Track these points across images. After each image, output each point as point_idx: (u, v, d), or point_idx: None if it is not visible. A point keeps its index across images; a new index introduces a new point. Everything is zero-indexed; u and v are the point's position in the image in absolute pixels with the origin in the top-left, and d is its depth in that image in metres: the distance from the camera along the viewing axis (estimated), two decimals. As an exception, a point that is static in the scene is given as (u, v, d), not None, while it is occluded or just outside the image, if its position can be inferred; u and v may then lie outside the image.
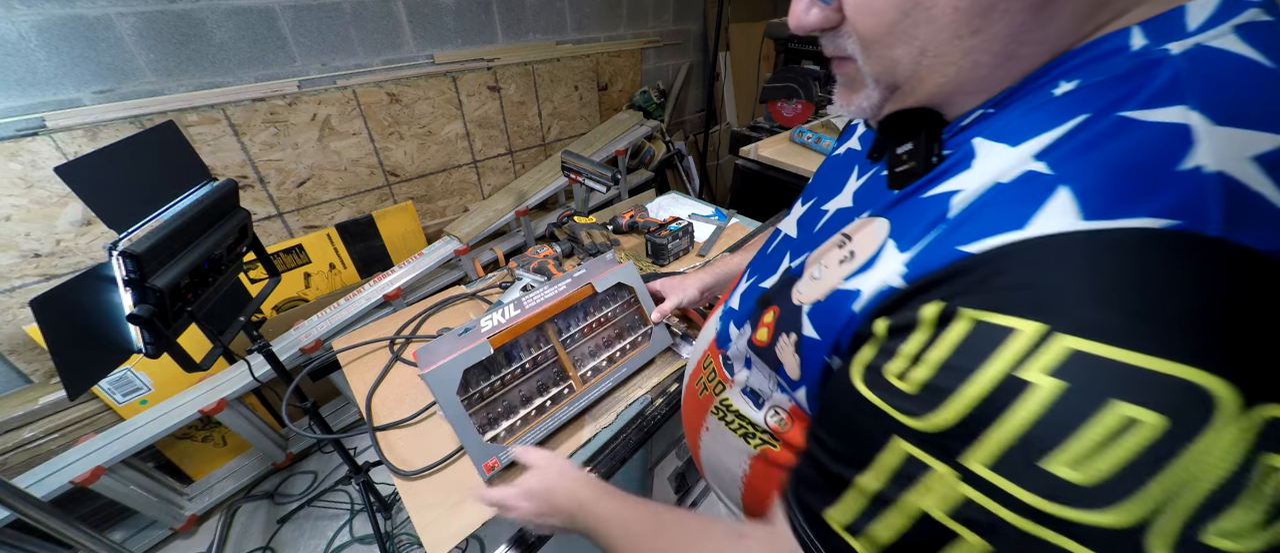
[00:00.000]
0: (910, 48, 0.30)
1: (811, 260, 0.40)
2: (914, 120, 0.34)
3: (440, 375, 0.69)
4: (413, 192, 2.03)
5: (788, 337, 0.40)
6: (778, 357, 0.41)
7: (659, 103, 2.70)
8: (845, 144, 0.53)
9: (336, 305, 1.60)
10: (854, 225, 0.37)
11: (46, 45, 1.22)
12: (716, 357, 0.54)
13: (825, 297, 0.36)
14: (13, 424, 1.27)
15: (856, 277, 0.34)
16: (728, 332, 0.52)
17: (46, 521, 0.97)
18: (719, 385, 0.53)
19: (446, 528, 0.68)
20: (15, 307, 1.31)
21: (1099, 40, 0.27)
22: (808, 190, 0.55)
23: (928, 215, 0.31)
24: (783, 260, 0.48)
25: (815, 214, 0.48)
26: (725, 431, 0.52)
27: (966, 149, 0.31)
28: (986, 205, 0.28)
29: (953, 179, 0.31)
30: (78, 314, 0.71)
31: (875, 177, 0.42)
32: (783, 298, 0.42)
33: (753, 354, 0.46)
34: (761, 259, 0.55)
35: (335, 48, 1.66)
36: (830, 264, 0.37)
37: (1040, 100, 0.28)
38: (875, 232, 0.35)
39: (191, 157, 0.96)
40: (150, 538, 1.51)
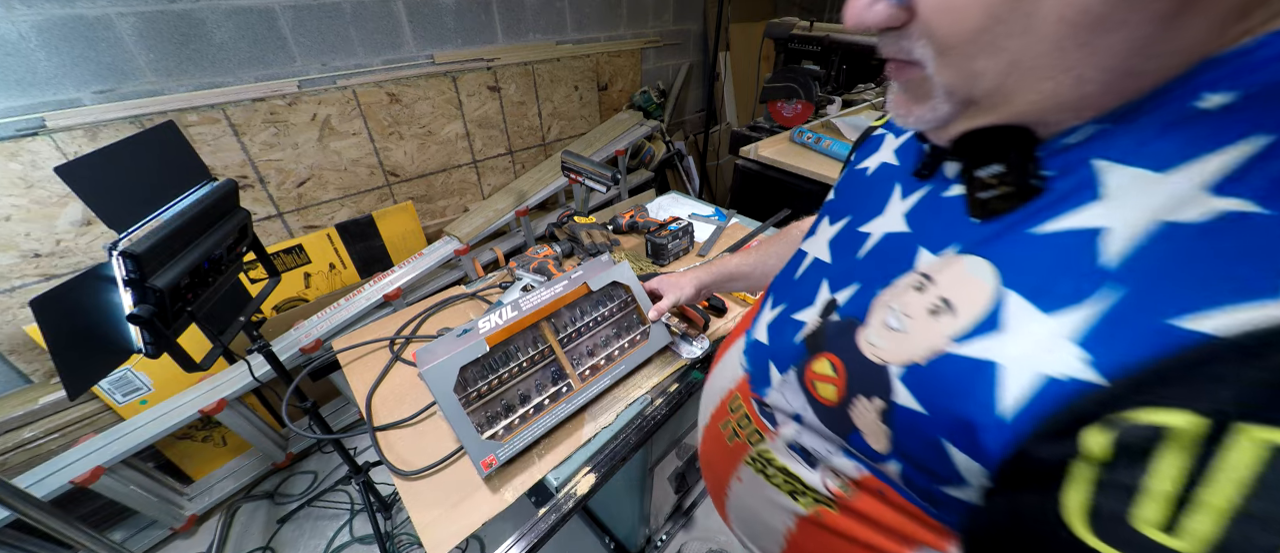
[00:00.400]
0: (997, 60, 0.25)
1: (880, 303, 0.34)
2: (998, 138, 0.29)
3: (438, 373, 0.70)
4: (413, 192, 2.03)
5: (867, 401, 0.33)
6: (851, 421, 0.35)
7: (659, 103, 2.70)
8: (871, 158, 0.47)
9: (336, 305, 1.60)
10: (935, 264, 0.32)
11: (46, 45, 1.22)
12: (748, 400, 0.48)
13: (928, 361, 0.30)
14: (13, 424, 1.27)
15: (973, 341, 0.27)
16: (765, 373, 0.46)
17: (46, 521, 0.97)
18: (755, 435, 0.47)
19: (446, 528, 0.68)
20: (15, 307, 1.31)
21: (1253, 45, 0.22)
22: (832, 207, 0.49)
23: (1066, 263, 0.25)
24: (818, 289, 0.43)
25: (853, 237, 0.42)
26: (765, 485, 0.46)
27: (1083, 174, 0.26)
28: (1183, 260, 0.21)
29: (1078, 213, 0.26)
30: (78, 314, 0.71)
31: (935, 198, 0.36)
32: (844, 347, 0.36)
33: (810, 410, 0.39)
34: (788, 285, 0.49)
35: (335, 48, 1.66)
36: (914, 313, 0.31)
37: (1178, 115, 0.24)
38: (972, 276, 0.29)
39: (191, 157, 0.96)
40: (150, 538, 1.51)
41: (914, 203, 0.38)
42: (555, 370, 0.83)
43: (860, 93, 2.54)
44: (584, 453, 0.79)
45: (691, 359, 0.93)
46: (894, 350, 0.32)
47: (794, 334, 0.43)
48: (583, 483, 0.76)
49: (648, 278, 0.91)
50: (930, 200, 0.36)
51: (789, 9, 3.24)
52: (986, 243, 0.30)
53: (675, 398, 0.89)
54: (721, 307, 1.08)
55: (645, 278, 0.91)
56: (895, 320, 0.33)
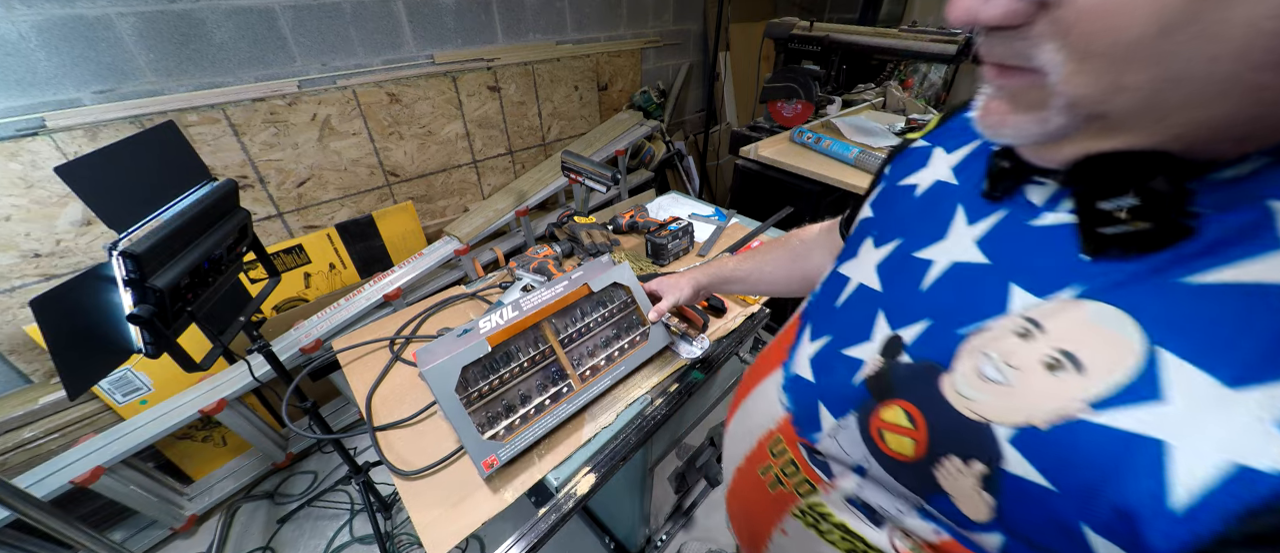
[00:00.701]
0: (1154, 73, 0.21)
1: (971, 349, 0.30)
2: (1136, 165, 0.24)
3: (439, 373, 0.70)
4: (413, 192, 2.03)
5: (961, 463, 0.29)
6: (936, 482, 0.31)
7: (659, 103, 2.70)
8: (919, 174, 0.42)
9: (336, 305, 1.60)
10: (1044, 309, 0.28)
11: (46, 45, 1.22)
12: (794, 444, 0.43)
13: (1051, 426, 0.25)
14: (13, 424, 1.27)
15: (1124, 411, 0.23)
16: (814, 415, 0.41)
17: (46, 521, 0.97)
18: (805, 485, 0.42)
19: (446, 528, 0.68)
20: (15, 307, 1.31)
21: None
22: (876, 229, 0.44)
23: (1252, 326, 0.21)
24: (873, 322, 0.38)
25: (909, 263, 0.38)
26: (818, 542, 0.42)
27: (1253, 215, 0.22)
28: None
29: (1251, 264, 0.22)
30: (78, 314, 0.71)
31: (1018, 226, 0.31)
32: (925, 397, 0.31)
33: (876, 464, 0.35)
34: (829, 313, 0.44)
35: (335, 48, 1.66)
36: (1024, 365, 0.27)
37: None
38: (1107, 329, 0.25)
39: (191, 157, 0.96)
40: (150, 538, 1.51)
41: (988, 229, 0.33)
42: (556, 371, 0.83)
43: (860, 93, 2.54)
44: (584, 453, 0.79)
45: (691, 359, 0.93)
46: (999, 407, 0.27)
47: (849, 374, 0.38)
48: (583, 483, 0.76)
49: (648, 279, 0.91)
50: (1012, 228, 0.32)
51: (789, 9, 3.24)
52: (1117, 288, 0.25)
53: (675, 398, 0.89)
54: (721, 307, 1.08)
55: (645, 279, 0.91)
56: (994, 371, 0.28)
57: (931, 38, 1.93)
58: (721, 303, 1.09)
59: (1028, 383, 0.27)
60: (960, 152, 0.40)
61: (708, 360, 0.95)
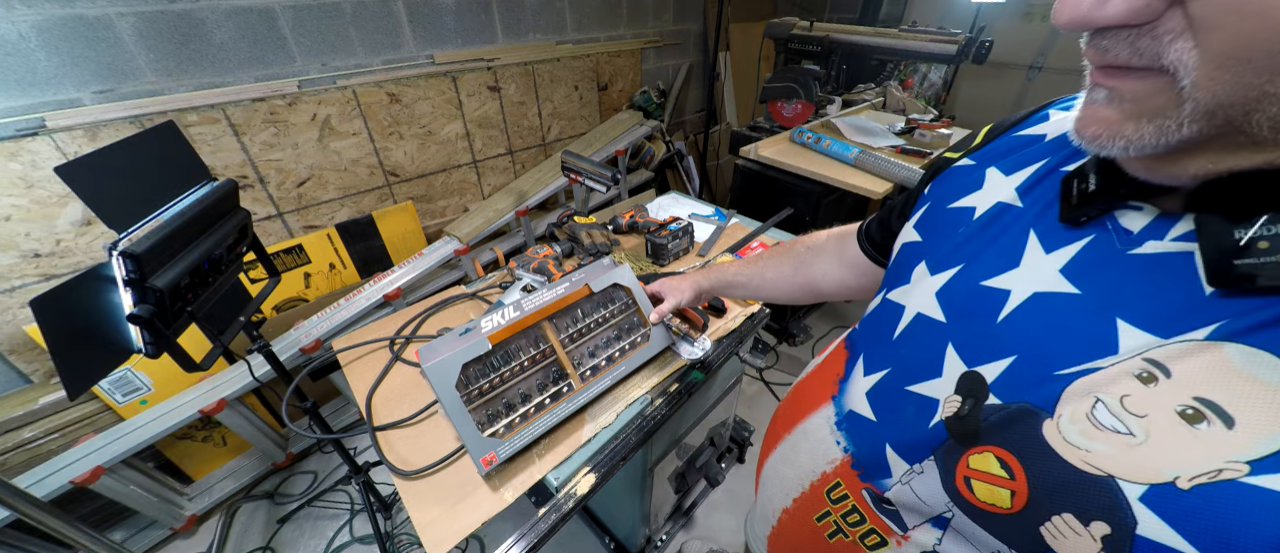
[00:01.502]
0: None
1: (1078, 392, 0.27)
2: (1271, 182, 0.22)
3: (440, 370, 0.70)
4: (413, 192, 2.03)
5: (1076, 522, 0.26)
6: (1042, 541, 0.28)
7: (659, 103, 2.70)
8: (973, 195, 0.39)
9: (336, 305, 1.60)
10: (1170, 352, 0.25)
11: (46, 45, 1.22)
12: (857, 489, 0.40)
13: (1194, 486, 0.23)
14: (13, 424, 1.27)
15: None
16: (881, 459, 0.38)
17: (46, 521, 0.97)
18: (873, 536, 0.39)
19: (446, 528, 0.68)
20: (15, 307, 1.31)
21: None
22: (929, 254, 0.41)
23: None
24: (943, 357, 0.35)
25: (977, 292, 0.35)
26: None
27: None
28: None
29: None
30: (78, 314, 0.71)
31: (1111, 253, 0.29)
32: (1026, 444, 0.29)
33: (962, 515, 0.32)
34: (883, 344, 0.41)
35: (335, 48, 1.66)
36: (1154, 415, 0.24)
37: None
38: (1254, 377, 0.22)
39: (191, 157, 0.96)
40: (150, 538, 1.51)
41: (1073, 256, 0.30)
42: (556, 370, 0.83)
43: (860, 93, 2.54)
44: (584, 453, 0.79)
45: (692, 360, 0.93)
46: (1125, 462, 0.25)
47: (921, 414, 0.35)
48: (583, 483, 0.76)
49: (648, 279, 0.91)
50: (1105, 256, 0.29)
51: (789, 9, 3.24)
52: (1263, 330, 0.22)
53: (675, 398, 0.89)
54: (721, 307, 1.08)
55: (646, 279, 0.91)
56: (1113, 419, 0.25)
57: (931, 38, 1.93)
58: (722, 303, 1.09)
59: (1160, 435, 0.24)
60: (1022, 172, 0.37)
61: (708, 361, 0.95)
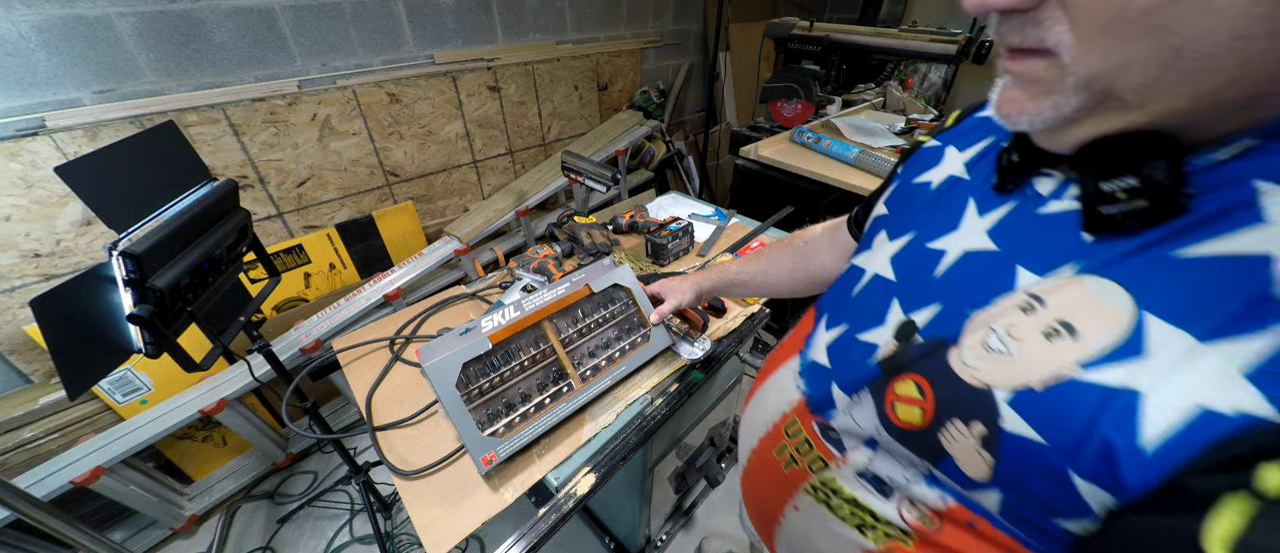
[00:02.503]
0: (1160, 46, 0.22)
1: (977, 324, 0.32)
2: (1135, 146, 0.26)
3: (441, 369, 0.70)
4: (413, 192, 2.03)
5: (963, 426, 0.31)
6: (942, 447, 0.33)
7: (659, 103, 2.70)
8: (932, 172, 0.44)
9: (336, 305, 1.60)
10: (1046, 285, 0.30)
11: (46, 45, 1.22)
12: (808, 422, 0.45)
13: (1043, 388, 0.28)
14: (13, 424, 1.27)
15: (1109, 368, 0.26)
16: (828, 395, 0.43)
17: (46, 521, 0.97)
18: (818, 461, 0.44)
19: (446, 528, 0.68)
20: (15, 307, 1.31)
21: None
22: (887, 223, 0.46)
23: (1228, 291, 0.23)
24: (888, 309, 0.40)
25: (922, 255, 0.40)
26: (827, 516, 0.44)
27: (1238, 194, 0.24)
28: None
29: (1234, 237, 0.24)
30: (78, 314, 0.71)
31: (1026, 214, 0.34)
32: (934, 369, 0.34)
33: (886, 435, 0.37)
34: (843, 300, 0.46)
35: (335, 48, 1.66)
36: (1025, 337, 0.29)
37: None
38: (1099, 299, 0.27)
39: (191, 157, 0.96)
40: (150, 538, 1.51)
41: (998, 219, 0.35)
42: (556, 370, 0.83)
43: (860, 93, 2.54)
44: (584, 453, 0.79)
45: (692, 360, 0.93)
46: (1000, 374, 0.30)
47: (865, 356, 0.40)
48: (583, 483, 0.76)
49: (648, 279, 0.91)
50: (1020, 217, 0.34)
51: (789, 9, 3.24)
52: (1114, 264, 0.27)
53: (675, 398, 0.89)
54: (721, 307, 1.08)
55: (646, 279, 0.91)
56: (998, 342, 0.30)
57: (931, 38, 1.93)
58: (722, 303, 1.09)
59: (1028, 351, 0.29)
60: (972, 149, 0.42)
61: (708, 361, 0.95)
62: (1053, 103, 0.27)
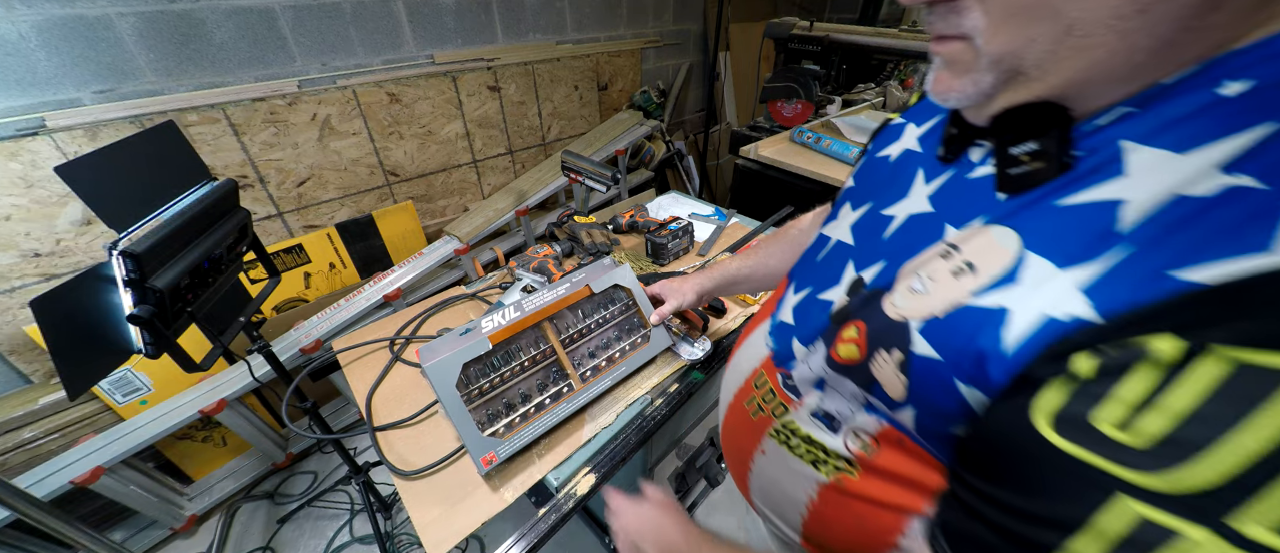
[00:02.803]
0: (1054, 25, 0.26)
1: (906, 272, 0.37)
2: (1035, 116, 0.31)
3: (441, 369, 0.70)
4: (413, 192, 2.03)
5: (887, 353, 0.36)
6: (872, 374, 0.38)
7: (659, 103, 2.70)
8: (892, 146, 0.49)
9: (336, 305, 1.60)
10: (960, 235, 0.35)
11: (46, 45, 1.22)
12: (773, 375, 0.50)
13: (944, 313, 0.33)
14: (13, 424, 1.27)
15: (991, 293, 0.30)
16: (789, 348, 0.48)
17: (46, 521, 0.97)
18: (780, 407, 0.49)
19: (446, 528, 0.68)
20: (15, 307, 1.31)
21: (1270, 38, 0.24)
22: (852, 195, 0.51)
23: (1084, 229, 0.28)
24: (843, 271, 0.45)
25: (876, 221, 0.45)
26: (788, 456, 0.48)
27: (1110, 153, 0.28)
28: (1188, 224, 0.24)
29: (1102, 187, 0.28)
30: (78, 314, 0.71)
31: (959, 181, 0.38)
32: (870, 313, 0.38)
33: (832, 372, 0.42)
34: (810, 267, 0.52)
35: (335, 48, 1.66)
36: (939, 277, 0.34)
37: (1203, 102, 0.26)
38: (997, 243, 0.32)
39: (191, 157, 0.96)
40: (150, 538, 1.51)
41: (939, 186, 0.40)
42: (556, 370, 0.83)
43: (860, 93, 2.54)
44: (584, 453, 0.79)
45: (692, 360, 0.93)
46: (915, 308, 0.35)
47: (822, 312, 0.45)
48: (583, 483, 0.76)
49: (648, 279, 0.91)
50: (955, 183, 0.39)
51: (789, 9, 3.24)
52: (1013, 215, 0.32)
53: (675, 398, 0.89)
54: (721, 307, 1.08)
55: (646, 279, 0.91)
56: (919, 284, 0.35)
57: (931, 38, 1.92)
58: (722, 303, 1.09)
59: (939, 288, 0.34)
60: (926, 125, 0.47)
61: (708, 361, 0.95)
62: (973, 80, 0.31)
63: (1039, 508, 0.26)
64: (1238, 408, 0.21)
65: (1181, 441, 0.22)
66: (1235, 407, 0.21)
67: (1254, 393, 0.21)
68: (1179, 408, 0.22)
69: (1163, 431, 0.23)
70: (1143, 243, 0.25)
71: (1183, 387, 0.22)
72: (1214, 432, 0.21)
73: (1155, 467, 0.22)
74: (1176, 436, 0.22)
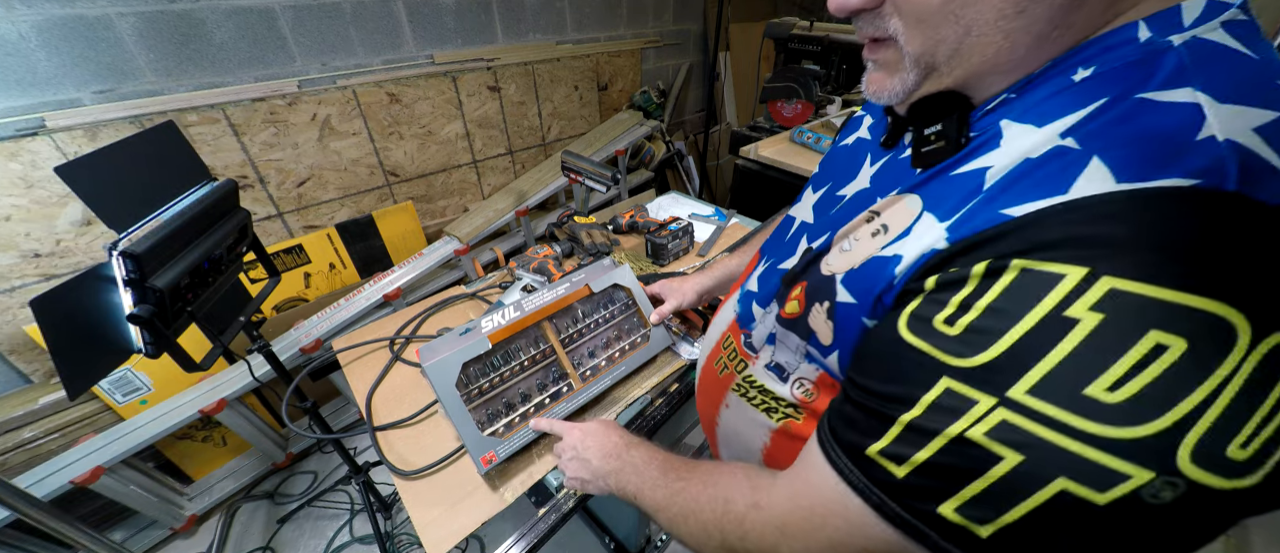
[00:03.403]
0: (956, 28, 0.32)
1: (839, 237, 0.43)
2: (942, 104, 0.37)
3: (441, 369, 0.70)
4: (413, 192, 2.03)
5: (820, 305, 0.42)
6: (809, 326, 0.44)
7: (659, 103, 2.70)
8: (852, 135, 0.56)
9: (336, 305, 1.60)
10: (882, 203, 0.40)
11: (46, 45, 1.22)
12: (737, 337, 0.56)
13: (860, 265, 0.39)
14: (13, 424, 1.27)
15: (893, 244, 0.37)
16: (750, 312, 0.54)
17: (46, 521, 0.97)
18: (741, 364, 0.55)
19: (446, 528, 0.68)
20: (15, 307, 1.31)
21: (1110, 33, 0.31)
22: (817, 179, 0.58)
23: (962, 189, 0.34)
24: (800, 243, 0.51)
25: (831, 200, 0.51)
26: (746, 406, 0.54)
27: (994, 131, 0.34)
28: (1022, 177, 0.31)
29: (982, 157, 0.34)
30: (78, 314, 0.71)
31: (893, 161, 0.44)
32: (811, 273, 0.44)
33: (780, 328, 0.48)
34: (776, 244, 0.57)
35: (335, 48, 1.66)
36: (861, 238, 0.40)
37: (1061, 85, 0.31)
38: (907, 206, 0.38)
39: (191, 157, 0.96)
40: (150, 538, 1.51)
41: (879, 167, 0.46)
42: (556, 370, 0.83)
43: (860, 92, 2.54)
44: (584, 453, 0.79)
45: (692, 360, 0.93)
46: (841, 264, 0.41)
47: (778, 278, 0.51)
48: (583, 483, 0.76)
49: (648, 279, 0.91)
50: (891, 164, 0.45)
51: (789, 9, 3.24)
52: (922, 185, 0.38)
53: (675, 398, 0.89)
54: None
55: (646, 279, 0.91)
56: (848, 244, 0.42)
57: (931, 38, 1.92)
58: (721, 303, 1.08)
59: (860, 246, 0.40)
60: (879, 116, 0.53)
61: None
62: (900, 79, 0.37)
63: (890, 390, 0.32)
64: (1017, 303, 0.27)
65: (981, 329, 0.28)
66: (1016, 302, 0.27)
67: (1032, 290, 0.27)
68: (984, 306, 0.28)
69: (971, 323, 0.29)
70: (991, 193, 0.32)
71: (990, 292, 0.28)
72: (1001, 322, 0.27)
73: (965, 352, 0.28)
74: (978, 325, 0.28)
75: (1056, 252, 0.27)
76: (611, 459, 0.60)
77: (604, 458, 0.61)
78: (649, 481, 0.54)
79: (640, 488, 0.55)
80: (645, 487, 0.54)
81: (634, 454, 0.59)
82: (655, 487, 0.53)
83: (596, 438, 0.64)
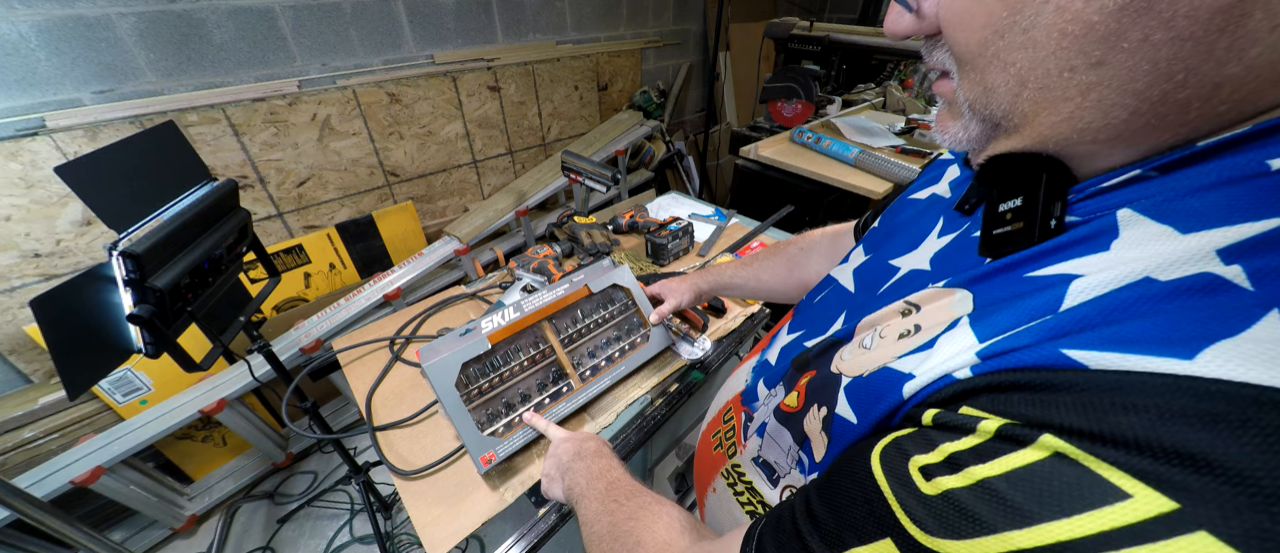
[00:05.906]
0: (1007, 75, 0.24)
1: (865, 325, 0.34)
2: (1028, 168, 0.26)
3: (440, 369, 0.70)
4: (413, 192, 2.03)
5: (818, 409, 0.34)
6: (804, 430, 0.36)
7: (659, 103, 2.70)
8: (927, 188, 0.44)
9: (336, 305, 1.60)
10: (926, 294, 0.31)
11: (46, 45, 1.22)
12: (738, 414, 0.49)
13: (870, 372, 0.30)
14: (13, 424, 1.27)
15: (913, 357, 0.28)
16: (756, 389, 0.46)
17: (46, 521, 0.97)
18: (732, 447, 0.47)
19: (446, 528, 0.68)
20: (15, 307, 1.31)
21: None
22: (872, 235, 0.47)
23: (1030, 300, 0.24)
24: (836, 318, 0.41)
25: (881, 269, 0.40)
26: (732, 500, 0.46)
27: (1106, 221, 0.24)
28: (1128, 307, 0.20)
29: (1075, 260, 0.24)
30: (78, 314, 0.71)
31: (965, 238, 0.33)
32: (821, 363, 0.36)
33: (774, 421, 0.40)
34: (809, 310, 0.48)
35: (335, 48, 1.66)
36: (888, 335, 0.32)
37: (1238, 172, 0.20)
38: (951, 306, 0.28)
39: (191, 156, 0.96)
40: (150, 538, 1.51)
41: (949, 243, 0.35)
42: (556, 370, 0.83)
43: (860, 93, 2.54)
44: (584, 453, 0.79)
45: (692, 360, 0.93)
46: (853, 365, 0.33)
47: (792, 356, 0.43)
48: (583, 483, 0.76)
49: (648, 280, 0.91)
50: (962, 240, 0.34)
51: (789, 9, 3.24)
52: (981, 279, 0.28)
53: (675, 398, 0.89)
54: (721, 307, 1.08)
55: (645, 279, 0.91)
56: (870, 340, 0.33)
57: (931, 38, 1.92)
58: (722, 303, 1.09)
59: (881, 347, 0.31)
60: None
61: (707, 361, 0.96)
62: (962, 124, 0.29)
63: (828, 520, 0.26)
64: (1030, 498, 0.19)
65: (962, 506, 0.20)
66: (1028, 496, 0.19)
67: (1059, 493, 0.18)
68: (980, 477, 0.20)
69: (950, 489, 0.21)
70: (1067, 318, 0.22)
71: (997, 461, 0.20)
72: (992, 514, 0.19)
73: (923, 522, 0.21)
74: (960, 498, 0.20)
75: (1128, 454, 0.17)
76: (576, 460, 0.57)
77: (573, 458, 0.58)
78: (593, 492, 0.50)
79: (583, 496, 0.50)
80: (586, 497, 0.50)
81: (595, 463, 0.54)
82: (592, 499, 0.48)
83: (575, 442, 0.61)
